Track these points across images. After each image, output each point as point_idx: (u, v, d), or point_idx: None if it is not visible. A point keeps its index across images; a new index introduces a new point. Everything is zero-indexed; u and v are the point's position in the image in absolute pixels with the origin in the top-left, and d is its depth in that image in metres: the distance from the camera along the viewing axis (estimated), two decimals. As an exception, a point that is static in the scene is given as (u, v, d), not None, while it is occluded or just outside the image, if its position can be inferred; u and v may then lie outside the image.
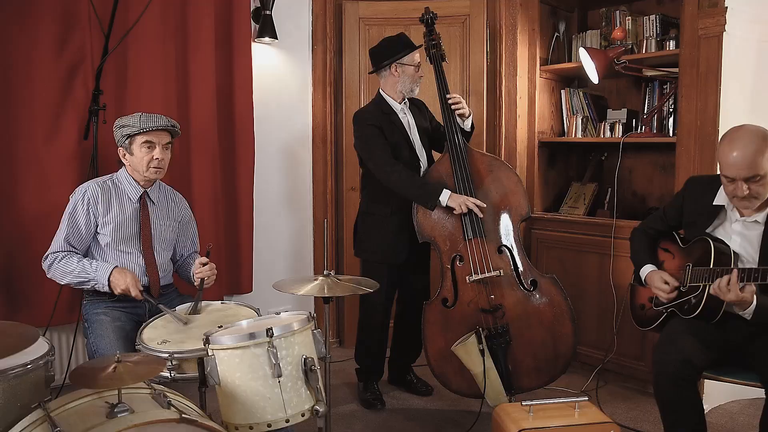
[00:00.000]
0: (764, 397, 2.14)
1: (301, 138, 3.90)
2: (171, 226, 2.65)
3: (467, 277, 2.83)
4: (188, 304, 2.42)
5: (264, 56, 3.69)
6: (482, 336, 2.73)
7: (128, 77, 3.12)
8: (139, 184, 2.55)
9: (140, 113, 2.48)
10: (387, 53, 2.98)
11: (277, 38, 3.63)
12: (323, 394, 1.87)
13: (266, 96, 3.69)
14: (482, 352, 2.69)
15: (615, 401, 3.18)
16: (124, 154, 2.52)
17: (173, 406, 1.62)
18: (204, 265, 2.50)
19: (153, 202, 2.59)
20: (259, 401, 1.78)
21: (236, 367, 1.80)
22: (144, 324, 2.26)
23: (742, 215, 2.28)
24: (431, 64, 3.04)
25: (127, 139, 2.47)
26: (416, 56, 2.99)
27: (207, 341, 1.85)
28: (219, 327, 1.99)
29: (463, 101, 2.99)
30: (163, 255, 2.60)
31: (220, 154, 3.45)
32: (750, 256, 2.25)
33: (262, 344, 1.79)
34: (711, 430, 2.70)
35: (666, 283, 2.38)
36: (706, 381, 2.80)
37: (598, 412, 2.27)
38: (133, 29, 2.88)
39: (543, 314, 2.84)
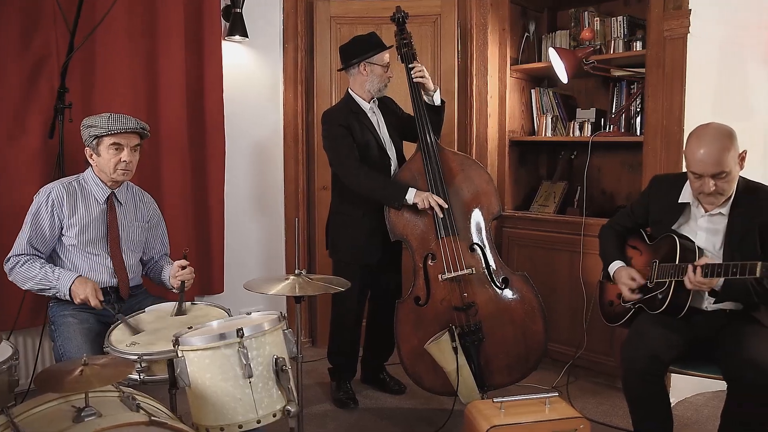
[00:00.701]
0: (726, 390, 2.19)
1: (273, 137, 3.87)
2: (140, 227, 2.61)
3: (440, 276, 2.85)
4: (170, 304, 2.39)
5: (234, 55, 3.66)
6: (455, 334, 2.74)
7: (95, 75, 3.07)
8: (106, 185, 2.51)
9: (109, 114, 2.43)
10: (357, 51, 2.98)
11: (247, 36, 3.60)
12: (295, 394, 1.87)
13: (237, 95, 3.66)
14: (455, 349, 2.71)
15: (585, 396, 3.22)
16: (91, 155, 2.48)
17: (142, 408, 1.60)
18: (183, 268, 2.48)
19: (120, 203, 2.55)
20: (230, 402, 1.77)
21: (206, 368, 1.78)
22: (112, 326, 2.23)
23: (706, 211, 2.33)
24: (403, 63, 3.04)
25: (94, 139, 2.43)
26: (386, 56, 2.99)
27: (176, 342, 1.83)
28: (189, 328, 1.97)
29: (427, 74, 2.98)
30: (131, 256, 2.56)
31: (190, 154, 3.41)
32: (715, 249, 2.31)
33: (232, 345, 1.78)
34: (677, 422, 2.76)
35: (633, 279, 2.43)
36: (673, 375, 2.87)
37: (568, 408, 2.29)
38: (101, 26, 2.84)
39: (515, 312, 2.87)
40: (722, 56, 3.14)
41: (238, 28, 3.55)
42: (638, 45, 3.33)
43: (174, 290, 2.54)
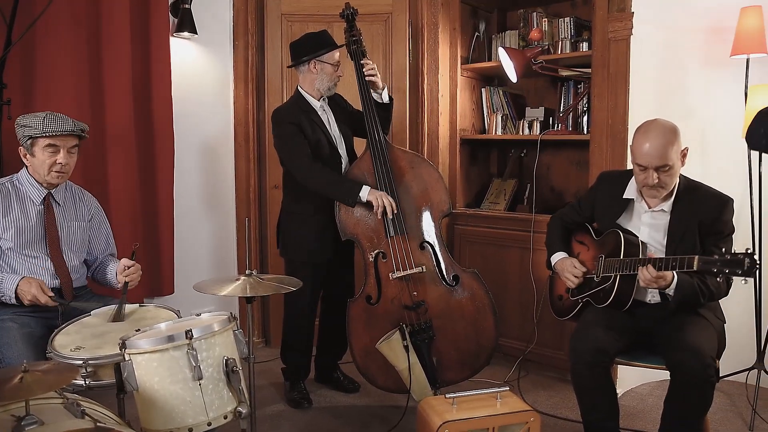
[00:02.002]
0: (669, 378, 2.26)
1: (223, 135, 3.82)
2: (81, 227, 2.54)
3: (390, 274, 2.85)
4: (108, 307, 2.33)
5: (183, 51, 3.59)
6: (406, 332, 2.75)
7: (36, 70, 2.96)
8: (42, 185, 2.42)
9: (46, 113, 2.34)
10: (307, 49, 2.95)
11: (196, 33, 3.54)
12: (246, 395, 1.85)
13: (186, 92, 3.59)
14: (406, 348, 2.71)
15: (536, 390, 3.29)
16: (26, 155, 2.39)
17: (88, 415, 1.56)
18: (129, 267, 2.42)
19: (59, 204, 2.47)
20: (180, 405, 1.74)
21: (155, 372, 1.75)
22: (56, 330, 2.15)
23: (649, 207, 2.41)
24: (352, 60, 3.03)
25: (28, 140, 2.34)
26: (336, 55, 2.98)
27: (123, 346, 1.79)
28: (137, 330, 1.93)
29: (376, 69, 2.99)
30: (73, 257, 2.49)
31: (137, 153, 3.33)
32: (658, 244, 2.39)
33: (181, 347, 1.75)
34: (623, 412, 2.84)
35: (575, 267, 2.50)
36: (620, 366, 2.96)
37: (519, 401, 2.34)
38: (41, 19, 2.73)
39: (465, 308, 2.90)
40: (663, 58, 3.24)
41: (186, 24, 3.49)
42: (584, 46, 3.41)
43: (119, 289, 2.48)
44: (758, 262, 2.02)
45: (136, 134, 3.32)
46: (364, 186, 2.84)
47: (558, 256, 2.61)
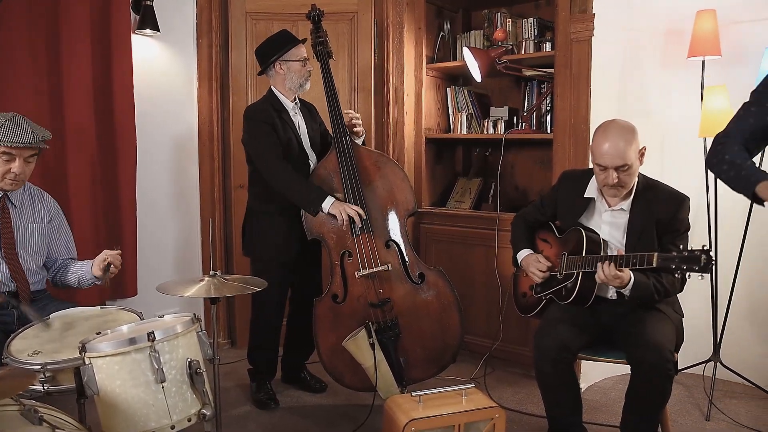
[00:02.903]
0: (630, 372, 2.32)
1: (187, 134, 3.77)
2: (39, 230, 2.48)
3: (356, 273, 2.85)
4: (78, 309, 2.30)
5: (145, 49, 3.52)
6: (372, 330, 2.76)
7: (-9, 69, 2.88)
8: None
9: (7, 119, 2.26)
10: (270, 51, 2.94)
11: (159, 30, 3.48)
12: (210, 397, 1.83)
13: (148, 91, 3.53)
14: (372, 346, 2.72)
15: (502, 386, 3.33)
16: None
17: (46, 421, 1.53)
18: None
19: (15, 206, 2.41)
20: (142, 409, 1.72)
21: (116, 375, 1.72)
22: (13, 335, 2.10)
23: (609, 205, 2.46)
24: (318, 61, 3.03)
25: None
26: (301, 51, 2.96)
27: (83, 349, 1.75)
28: (97, 333, 1.89)
29: (359, 120, 3.02)
30: (30, 261, 2.42)
31: (99, 153, 3.26)
32: (618, 242, 2.44)
33: (143, 349, 1.72)
34: (587, 406, 2.89)
35: (540, 262, 2.54)
36: (583, 362, 3.01)
37: (484, 398, 2.37)
38: (-4, 16, 2.66)
39: (431, 306, 2.91)
40: (624, 59, 3.31)
41: (148, 21, 3.43)
42: (548, 46, 3.46)
43: (96, 282, 2.44)
44: (714, 258, 2.07)
45: (97, 133, 3.25)
46: (328, 197, 2.83)
47: (524, 253, 2.65)
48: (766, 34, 3.07)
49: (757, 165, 1.92)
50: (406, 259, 2.92)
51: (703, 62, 3.18)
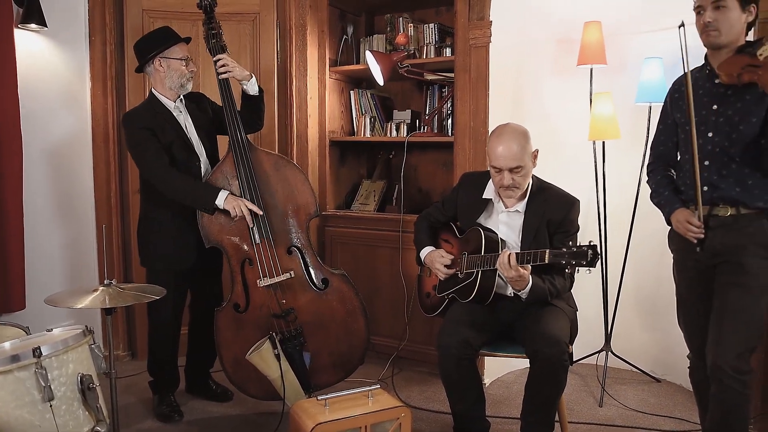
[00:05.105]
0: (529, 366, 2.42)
1: (80, 137, 3.57)
2: None
3: (258, 281, 2.79)
4: None
5: (31, 45, 3.31)
6: (276, 340, 2.71)
7: None
8: None
9: None
10: (149, 47, 2.82)
11: (46, 26, 3.28)
12: (105, 413, 1.75)
13: (35, 90, 3.32)
14: (278, 356, 2.67)
15: (410, 386, 3.38)
16: None
17: None
18: None
19: None
20: (27, 431, 1.61)
21: (-3, 396, 1.61)
22: None
23: (506, 206, 2.56)
24: (211, 55, 2.91)
25: None
26: (183, 49, 2.86)
27: (-41, 369, 1.62)
28: (-25, 352, 1.76)
29: (234, 64, 2.87)
30: None
31: (-22, 156, 3.04)
32: (513, 242, 2.54)
33: (27, 366, 1.62)
34: (490, 400, 2.99)
35: (443, 257, 2.60)
36: (487, 358, 3.11)
37: (390, 398, 2.39)
38: None
39: (336, 312, 2.89)
40: (519, 65, 3.45)
41: (33, 15, 3.21)
42: (448, 51, 3.55)
43: None
44: (599, 253, 2.21)
45: (-23, 136, 3.03)
46: (221, 192, 2.74)
47: (426, 250, 2.71)
48: (645, 46, 3.30)
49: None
50: (309, 265, 2.88)
51: (591, 70, 3.37)
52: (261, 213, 2.78)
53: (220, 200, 2.74)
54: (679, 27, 2.14)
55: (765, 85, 1.94)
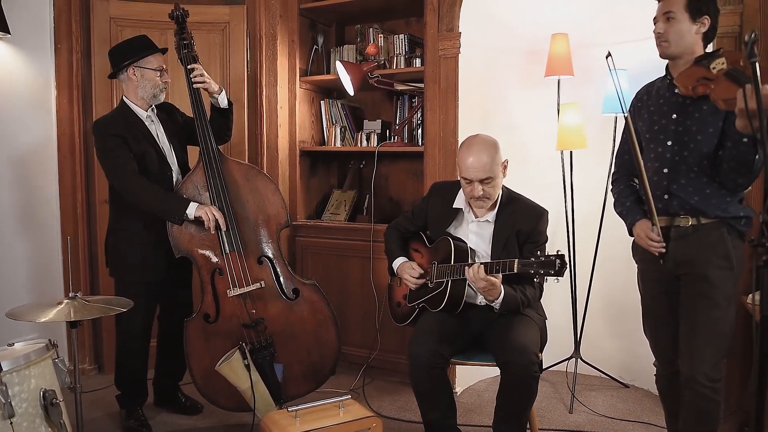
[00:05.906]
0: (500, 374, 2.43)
1: (44, 146, 3.51)
2: None
3: (228, 291, 2.77)
4: None
5: (-8, 53, 3.26)
6: (246, 351, 2.68)
7: None
8: None
9: None
10: (124, 55, 2.80)
11: (9, 33, 3.23)
12: (69, 429, 1.71)
13: (-3, 98, 3.27)
14: (248, 367, 2.64)
15: (381, 395, 3.37)
16: None
17: None
18: None
19: None
20: (-13, 448, 1.57)
21: (-45, 413, 1.56)
22: None
23: (476, 216, 2.58)
24: (182, 65, 2.90)
25: None
26: (158, 59, 2.84)
27: None
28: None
29: (208, 77, 2.88)
30: None
31: (-63, 166, 2.97)
32: (483, 251, 2.56)
33: (-13, 383, 1.58)
34: (462, 408, 3.00)
35: (413, 269, 2.61)
36: (458, 366, 3.12)
37: (361, 408, 2.38)
38: None
39: (306, 322, 2.87)
40: (488, 76, 3.49)
41: (-5, 22, 3.17)
42: (418, 62, 3.58)
43: None
44: (567, 263, 2.23)
45: (-64, 145, 2.95)
46: (191, 203, 2.73)
47: (399, 261, 2.71)
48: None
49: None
50: (280, 275, 2.87)
51: (559, 81, 3.43)
52: (224, 228, 2.75)
53: (191, 210, 2.72)
54: (606, 57, 2.19)
55: (716, 99, 1.93)
